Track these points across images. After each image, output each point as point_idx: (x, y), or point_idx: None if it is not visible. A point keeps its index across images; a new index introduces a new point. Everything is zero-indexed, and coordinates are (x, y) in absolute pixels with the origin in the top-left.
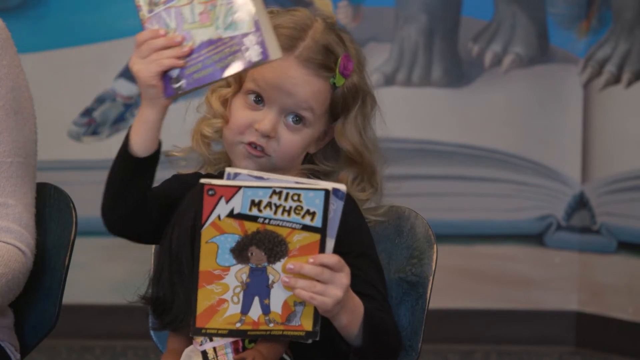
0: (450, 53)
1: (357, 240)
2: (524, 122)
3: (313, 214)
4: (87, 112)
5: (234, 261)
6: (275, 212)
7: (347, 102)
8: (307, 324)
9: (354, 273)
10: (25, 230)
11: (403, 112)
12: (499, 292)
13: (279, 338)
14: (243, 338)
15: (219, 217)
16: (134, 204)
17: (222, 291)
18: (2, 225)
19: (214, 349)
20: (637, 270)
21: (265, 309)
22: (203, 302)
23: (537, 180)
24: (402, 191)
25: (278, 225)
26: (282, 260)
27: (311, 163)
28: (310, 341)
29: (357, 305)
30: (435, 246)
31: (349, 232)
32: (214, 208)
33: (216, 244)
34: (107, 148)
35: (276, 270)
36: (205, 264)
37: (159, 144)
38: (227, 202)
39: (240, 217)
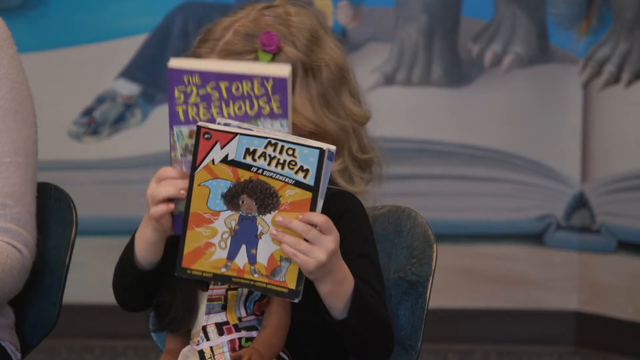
0: (450, 53)
1: (358, 241)
2: (523, 122)
3: (306, 172)
4: (88, 112)
5: (225, 207)
6: (269, 164)
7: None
8: (291, 282)
9: (353, 272)
10: (23, 229)
11: (403, 112)
12: (498, 292)
13: (262, 290)
14: (226, 283)
15: (212, 161)
16: (145, 299)
17: (210, 235)
18: (0, 225)
19: (211, 348)
20: (637, 270)
21: (252, 259)
22: (190, 243)
23: (537, 180)
24: (402, 191)
25: (271, 177)
26: (273, 213)
27: None
28: (296, 300)
29: (346, 278)
30: (435, 246)
31: (351, 232)
32: (209, 152)
33: (208, 187)
34: (107, 148)
35: (266, 222)
36: (195, 206)
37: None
38: (222, 147)
39: (234, 163)
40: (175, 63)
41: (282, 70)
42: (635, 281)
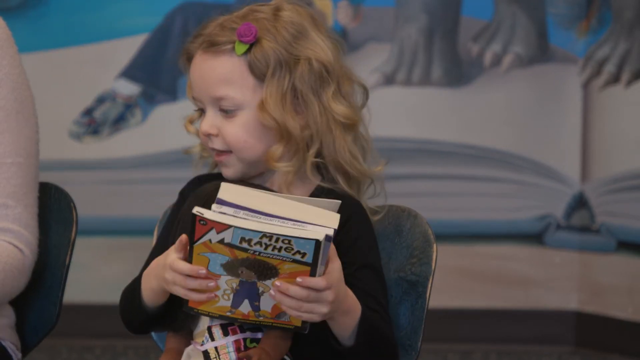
0: (450, 53)
1: (361, 251)
2: (523, 122)
3: (304, 254)
4: (88, 112)
5: (224, 272)
6: (265, 249)
7: (261, 69)
8: (296, 322)
9: (355, 284)
10: (25, 230)
11: (403, 112)
12: (498, 292)
13: (268, 327)
14: (232, 322)
15: (209, 240)
16: (152, 327)
17: (212, 289)
18: (1, 226)
19: (216, 348)
20: (636, 269)
21: (255, 308)
22: None
23: (536, 179)
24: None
25: (268, 257)
26: (272, 279)
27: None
28: (305, 332)
29: (353, 307)
30: (434, 245)
31: (354, 242)
32: (205, 234)
33: (207, 257)
34: (107, 148)
35: (266, 284)
36: (198, 265)
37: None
38: (218, 233)
39: (231, 245)
40: (224, 193)
41: (323, 230)
42: (635, 281)
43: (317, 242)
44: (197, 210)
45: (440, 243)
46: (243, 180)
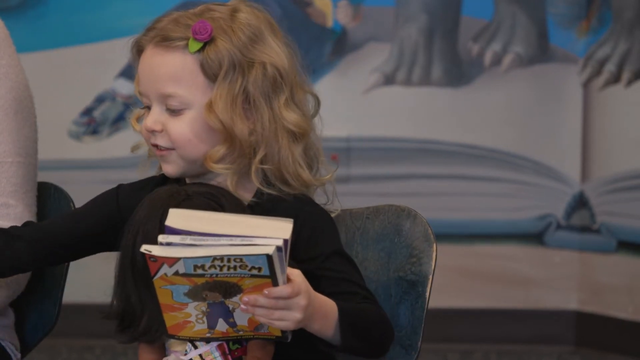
0: (450, 53)
1: (322, 241)
2: (523, 122)
3: (259, 268)
4: (87, 112)
5: (190, 300)
6: (220, 270)
7: (213, 69)
8: (276, 332)
9: (326, 274)
10: None
11: (403, 112)
12: (498, 292)
13: (251, 339)
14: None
15: (165, 274)
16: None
17: (184, 316)
18: (3, 225)
19: (200, 355)
20: (636, 269)
21: (232, 325)
22: (170, 321)
23: (536, 179)
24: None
25: (226, 277)
26: (238, 295)
27: None
28: (288, 341)
29: (329, 309)
30: (434, 245)
31: (314, 240)
32: (159, 269)
33: (170, 290)
34: (107, 147)
35: (234, 301)
36: (163, 299)
37: None
38: (170, 266)
39: (187, 275)
40: (173, 219)
41: (272, 242)
42: (635, 281)
43: (268, 256)
44: (145, 248)
45: (440, 243)
46: (202, 183)
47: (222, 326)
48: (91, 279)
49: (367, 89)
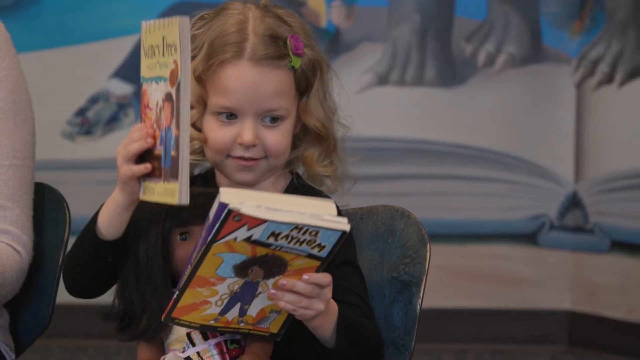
0: (443, 53)
1: (341, 249)
2: (517, 122)
3: (323, 247)
4: (81, 112)
5: (232, 274)
6: (289, 242)
7: (309, 78)
8: (275, 328)
9: (336, 282)
10: (22, 232)
11: (396, 112)
12: (492, 292)
13: (244, 335)
14: (211, 332)
15: (235, 239)
16: (95, 281)
17: (209, 295)
18: (0, 227)
19: (198, 353)
20: (630, 269)
21: (242, 313)
22: (187, 299)
23: (530, 179)
24: (395, 190)
25: (287, 252)
26: (276, 278)
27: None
28: (277, 340)
29: (332, 309)
30: (428, 245)
31: None
32: (233, 231)
33: (222, 258)
34: (100, 148)
35: (267, 284)
36: (204, 271)
37: (125, 230)
38: (249, 229)
39: (255, 242)
40: (226, 197)
41: (342, 220)
42: (628, 280)
43: (343, 233)
44: (234, 205)
45: (433, 243)
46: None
47: (233, 313)
48: None
49: (361, 89)
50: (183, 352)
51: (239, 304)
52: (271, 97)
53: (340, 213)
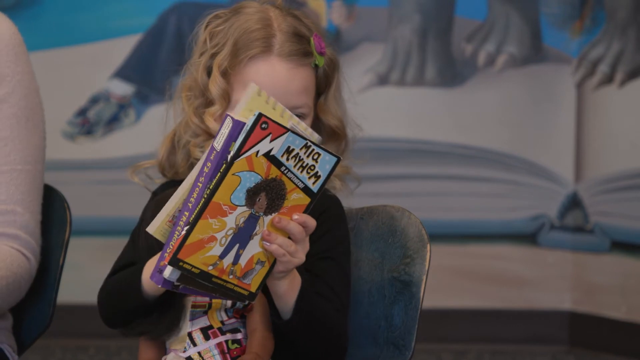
0: (443, 53)
1: (328, 245)
2: (517, 122)
3: (317, 178)
4: (81, 112)
5: (244, 202)
6: (295, 165)
7: (329, 77)
8: (254, 285)
9: (311, 269)
10: (31, 237)
11: (396, 112)
12: (492, 292)
13: (227, 292)
14: (205, 281)
15: (256, 153)
16: (135, 316)
17: (218, 228)
18: (10, 232)
19: (199, 353)
20: (630, 269)
21: (236, 259)
22: (197, 233)
23: (530, 179)
24: (395, 190)
25: (290, 178)
26: (272, 215)
27: None
28: (246, 302)
29: (297, 279)
30: (428, 245)
31: (322, 236)
32: (258, 142)
33: (240, 178)
34: (101, 148)
35: (264, 220)
36: (220, 195)
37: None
38: (271, 141)
39: (272, 159)
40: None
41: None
42: (628, 281)
43: (338, 159)
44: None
45: (434, 243)
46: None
47: (229, 259)
48: (85, 279)
49: (361, 89)
50: (184, 352)
51: (237, 246)
52: (298, 94)
53: (344, 213)
